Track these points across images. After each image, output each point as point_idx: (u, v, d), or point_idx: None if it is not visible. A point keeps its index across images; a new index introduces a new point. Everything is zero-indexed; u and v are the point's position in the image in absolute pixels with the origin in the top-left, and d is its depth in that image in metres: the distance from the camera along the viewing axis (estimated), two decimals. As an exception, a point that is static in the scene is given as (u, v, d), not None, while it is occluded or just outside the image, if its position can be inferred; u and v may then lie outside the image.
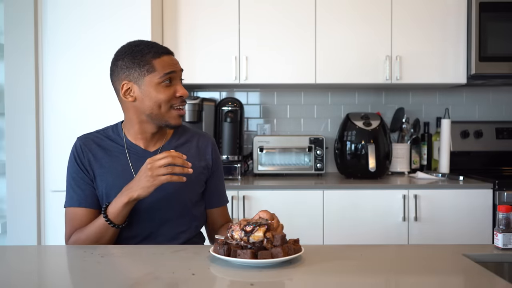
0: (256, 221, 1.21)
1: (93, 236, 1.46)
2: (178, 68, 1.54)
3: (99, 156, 1.55)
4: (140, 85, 1.49)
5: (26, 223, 2.58)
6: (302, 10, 2.91)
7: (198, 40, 2.90)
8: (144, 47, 1.51)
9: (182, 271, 1.16)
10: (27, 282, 1.13)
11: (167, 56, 1.52)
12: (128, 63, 1.50)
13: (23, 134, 2.58)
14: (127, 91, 1.51)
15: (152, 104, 1.50)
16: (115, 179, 1.52)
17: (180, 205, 1.56)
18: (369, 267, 1.22)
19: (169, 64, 1.51)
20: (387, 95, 3.34)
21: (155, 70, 1.49)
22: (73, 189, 1.54)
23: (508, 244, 1.32)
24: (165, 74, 1.49)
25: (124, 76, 1.50)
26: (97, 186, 1.54)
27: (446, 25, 2.93)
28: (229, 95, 3.32)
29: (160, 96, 1.49)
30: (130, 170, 1.54)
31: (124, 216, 1.45)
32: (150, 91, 1.49)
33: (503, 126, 3.24)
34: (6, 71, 2.58)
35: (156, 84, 1.49)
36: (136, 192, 1.40)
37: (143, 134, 1.56)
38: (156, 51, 1.50)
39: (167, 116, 1.52)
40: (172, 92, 1.51)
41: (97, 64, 2.55)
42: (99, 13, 2.57)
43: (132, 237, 1.53)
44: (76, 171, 1.55)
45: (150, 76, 1.49)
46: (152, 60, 1.49)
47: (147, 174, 1.39)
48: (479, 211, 2.67)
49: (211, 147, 1.66)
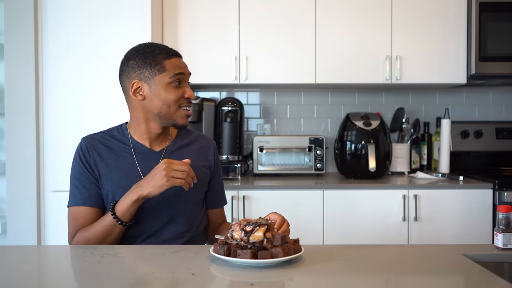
0: (256, 221, 1.22)
1: (99, 234, 1.47)
2: (187, 72, 1.59)
3: (105, 156, 1.57)
4: (151, 85, 1.53)
5: (26, 223, 2.58)
6: (302, 10, 2.91)
7: (198, 40, 2.90)
8: (156, 48, 1.56)
9: (182, 271, 1.16)
10: (27, 282, 1.13)
11: (177, 59, 1.57)
12: (139, 62, 1.53)
13: (23, 134, 2.58)
14: (136, 90, 1.54)
15: (161, 104, 1.53)
16: (121, 178, 1.54)
17: (185, 205, 1.58)
18: (369, 267, 1.22)
19: (179, 66, 1.56)
20: (387, 95, 3.34)
21: (166, 70, 1.53)
22: (77, 188, 1.55)
23: (508, 244, 1.32)
24: (175, 74, 1.53)
25: (135, 75, 1.53)
26: (102, 186, 1.55)
27: (446, 25, 2.93)
28: (229, 95, 3.32)
29: (170, 96, 1.53)
30: (137, 169, 1.56)
31: (131, 213, 1.47)
32: (159, 91, 1.53)
33: (503, 126, 3.24)
34: (6, 71, 2.58)
35: (166, 84, 1.53)
36: (147, 190, 1.43)
37: (148, 134, 1.59)
38: (168, 53, 1.55)
39: (175, 116, 1.55)
40: (181, 93, 1.55)
41: (97, 64, 2.55)
42: (99, 13, 2.57)
43: (137, 236, 1.54)
44: (81, 170, 1.56)
45: (161, 76, 1.52)
46: (164, 61, 1.53)
47: (162, 173, 1.42)
48: (479, 211, 2.67)
49: (213, 149, 1.71)
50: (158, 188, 1.43)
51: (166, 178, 1.41)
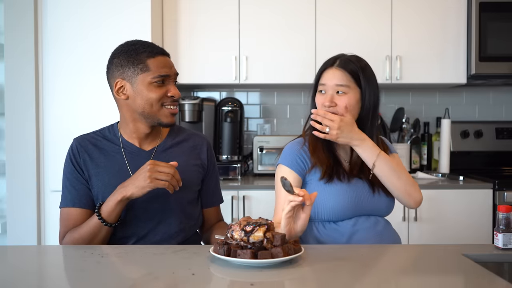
0: (256, 221, 1.22)
1: (86, 235, 1.46)
2: (173, 72, 1.54)
3: (95, 156, 1.56)
4: (133, 84, 1.51)
5: (26, 223, 2.58)
6: (302, 10, 2.91)
7: (198, 40, 2.90)
8: (140, 46, 1.52)
9: (182, 271, 1.16)
10: (27, 282, 1.13)
11: (162, 57, 1.52)
12: (123, 61, 1.51)
13: (23, 134, 2.58)
14: (120, 89, 1.52)
15: (144, 103, 1.51)
16: (111, 178, 1.53)
17: (176, 204, 1.56)
18: (369, 267, 1.22)
19: (163, 66, 1.51)
20: (387, 95, 3.34)
21: (149, 70, 1.49)
22: (67, 189, 1.55)
23: (508, 244, 1.32)
24: (159, 76, 1.50)
25: (118, 74, 1.52)
26: (92, 186, 1.54)
27: (446, 25, 2.93)
28: (229, 95, 3.32)
29: (152, 95, 1.50)
30: (127, 168, 1.55)
31: (117, 214, 1.45)
32: (142, 90, 1.50)
33: (503, 126, 3.24)
34: (6, 71, 2.58)
35: (148, 84, 1.50)
36: (130, 191, 1.41)
37: (137, 133, 1.57)
38: (151, 51, 1.51)
39: (159, 115, 1.52)
40: (164, 91, 1.51)
41: (97, 64, 2.55)
42: (99, 13, 2.57)
43: (128, 237, 1.54)
44: (70, 171, 1.56)
45: (143, 75, 1.49)
46: (147, 60, 1.50)
47: (145, 174, 1.40)
48: (479, 211, 2.67)
49: (206, 147, 1.67)
50: (141, 189, 1.41)
51: (150, 179, 1.39)
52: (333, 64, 1.60)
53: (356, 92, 1.58)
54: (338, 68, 1.58)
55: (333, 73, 1.58)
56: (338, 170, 1.59)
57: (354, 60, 1.60)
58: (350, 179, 1.58)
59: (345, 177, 1.58)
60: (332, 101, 1.56)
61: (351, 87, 1.57)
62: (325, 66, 1.63)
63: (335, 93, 1.57)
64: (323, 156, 1.59)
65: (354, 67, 1.58)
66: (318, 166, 1.59)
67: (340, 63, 1.59)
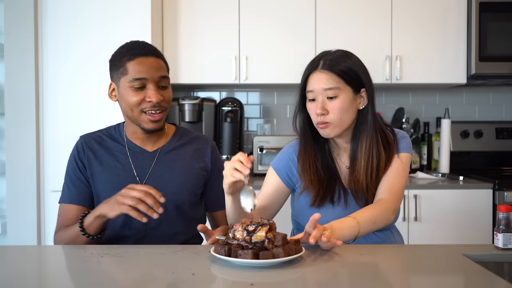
0: (258, 221, 1.21)
1: (69, 239, 1.47)
2: (151, 74, 1.47)
3: (99, 155, 1.57)
4: (118, 87, 1.52)
5: (26, 223, 2.58)
6: (302, 10, 2.91)
7: (198, 40, 2.90)
8: (125, 48, 1.50)
9: (182, 271, 1.15)
10: (27, 282, 1.13)
11: (142, 59, 1.47)
12: (111, 63, 1.53)
13: (23, 134, 2.58)
14: (112, 92, 1.55)
15: (125, 107, 1.50)
16: (114, 177, 1.53)
17: (176, 206, 1.56)
18: (369, 267, 1.22)
19: (140, 69, 1.46)
20: (387, 95, 3.33)
21: (127, 73, 1.47)
22: (67, 186, 1.57)
23: (508, 244, 1.32)
24: (134, 79, 1.46)
25: (111, 77, 1.55)
26: (94, 184, 1.55)
27: (446, 25, 2.93)
28: (229, 95, 3.32)
29: (130, 99, 1.48)
30: (131, 168, 1.55)
31: (95, 228, 1.42)
32: (123, 94, 1.50)
33: (503, 126, 3.24)
34: (6, 71, 2.58)
35: (128, 88, 1.48)
36: (104, 210, 1.39)
37: (137, 134, 1.58)
38: (132, 53, 1.47)
39: (140, 120, 1.51)
40: (142, 96, 1.47)
41: (97, 64, 2.55)
42: (99, 13, 2.57)
43: (128, 237, 1.54)
44: (73, 168, 1.57)
45: (123, 79, 1.49)
46: (127, 62, 1.47)
47: (116, 198, 1.37)
48: (479, 211, 2.67)
49: (211, 150, 1.65)
50: (110, 211, 1.37)
51: (117, 204, 1.35)
52: (317, 66, 1.48)
53: (348, 92, 1.47)
54: (323, 70, 1.47)
55: (318, 77, 1.46)
56: (332, 187, 1.50)
57: (339, 57, 1.48)
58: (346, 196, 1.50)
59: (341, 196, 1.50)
60: (324, 109, 1.46)
61: (341, 88, 1.46)
62: (310, 70, 1.50)
63: (326, 98, 1.46)
64: (314, 178, 1.50)
65: (341, 67, 1.46)
66: (309, 189, 1.50)
67: (325, 64, 1.47)
